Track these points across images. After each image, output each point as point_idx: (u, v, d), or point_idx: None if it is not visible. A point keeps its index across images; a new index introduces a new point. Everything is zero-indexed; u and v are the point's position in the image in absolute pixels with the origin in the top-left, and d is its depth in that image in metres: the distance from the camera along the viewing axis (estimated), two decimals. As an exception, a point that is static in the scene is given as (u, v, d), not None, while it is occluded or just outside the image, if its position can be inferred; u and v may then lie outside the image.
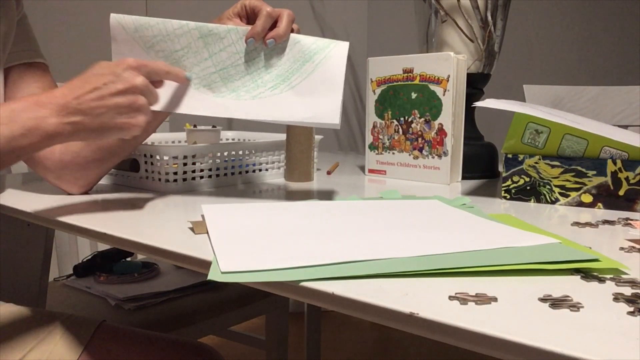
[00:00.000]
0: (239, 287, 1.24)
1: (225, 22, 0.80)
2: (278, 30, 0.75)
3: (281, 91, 0.76)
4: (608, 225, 0.65)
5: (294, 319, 1.66)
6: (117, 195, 0.85)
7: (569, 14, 1.98)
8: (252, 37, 0.75)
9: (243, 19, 0.80)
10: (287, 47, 0.77)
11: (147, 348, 0.80)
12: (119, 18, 0.75)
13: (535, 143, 0.79)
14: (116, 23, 0.75)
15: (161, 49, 0.76)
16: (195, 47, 0.76)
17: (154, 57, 0.76)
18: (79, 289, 1.18)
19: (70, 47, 1.81)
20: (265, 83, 0.77)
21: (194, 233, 0.59)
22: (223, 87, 0.76)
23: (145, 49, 0.75)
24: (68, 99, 0.63)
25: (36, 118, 0.62)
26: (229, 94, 0.76)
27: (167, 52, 0.76)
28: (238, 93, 0.76)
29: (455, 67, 0.97)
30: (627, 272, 0.46)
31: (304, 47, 0.77)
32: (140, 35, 0.75)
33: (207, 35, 0.76)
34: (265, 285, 0.45)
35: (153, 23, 0.75)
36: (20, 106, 0.62)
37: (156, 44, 0.76)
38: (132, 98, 0.65)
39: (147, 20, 0.75)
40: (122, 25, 0.75)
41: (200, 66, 0.76)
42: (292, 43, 0.77)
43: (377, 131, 1.09)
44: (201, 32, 0.76)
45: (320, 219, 0.65)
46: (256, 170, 1.01)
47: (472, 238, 0.56)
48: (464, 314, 0.37)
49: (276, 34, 0.75)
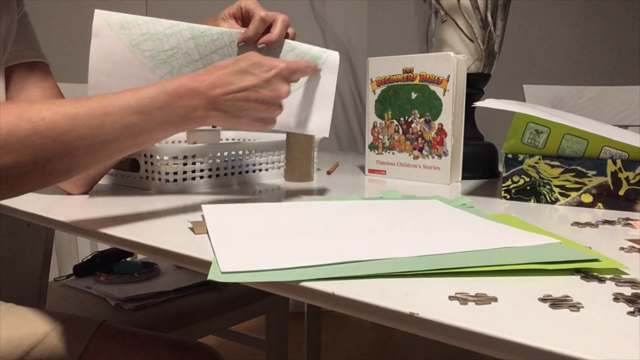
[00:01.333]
0: (239, 287, 1.24)
1: (220, 22, 0.79)
2: (271, 36, 0.75)
3: None
4: (608, 225, 0.65)
5: (294, 319, 1.66)
6: (117, 195, 0.85)
7: (569, 14, 1.98)
8: (244, 41, 0.75)
9: (238, 21, 0.80)
10: (280, 54, 0.77)
11: (147, 348, 0.80)
12: (104, 14, 0.72)
13: (535, 143, 0.79)
14: (100, 19, 0.72)
15: (148, 48, 0.73)
16: (185, 48, 0.74)
17: (139, 57, 0.73)
18: (79, 289, 1.18)
19: (70, 47, 1.81)
20: None
21: (194, 233, 0.59)
22: None
23: (130, 47, 0.73)
24: (218, 93, 0.63)
25: (188, 107, 0.62)
26: None
27: (154, 52, 0.73)
28: None
29: (455, 67, 0.97)
30: (627, 272, 0.46)
31: (298, 57, 0.77)
32: (126, 32, 0.72)
33: (198, 37, 0.74)
34: (265, 285, 0.45)
35: (141, 21, 0.73)
36: (175, 91, 0.61)
37: (143, 43, 0.73)
38: (273, 107, 0.67)
39: (134, 18, 0.73)
40: (107, 21, 0.72)
41: (190, 67, 0.74)
42: (286, 50, 0.77)
43: (377, 131, 1.09)
44: (193, 32, 0.74)
45: (320, 219, 0.65)
46: (256, 171, 1.01)
47: (472, 238, 0.56)
48: (464, 314, 0.37)
49: (268, 40, 0.75)
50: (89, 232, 0.64)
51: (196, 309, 1.17)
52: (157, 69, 0.72)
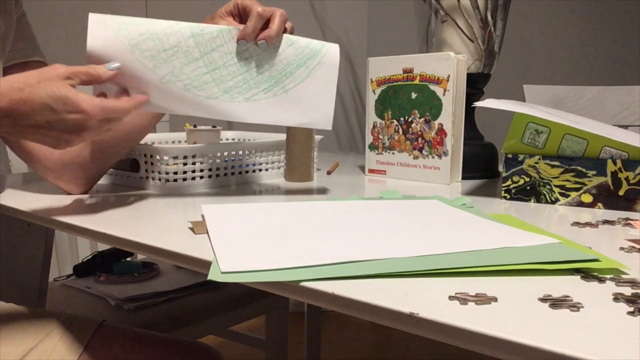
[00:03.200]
0: (239, 287, 1.24)
1: (217, 20, 0.79)
2: (270, 32, 0.74)
3: (275, 94, 0.77)
4: (608, 225, 0.65)
5: (294, 319, 1.66)
6: (117, 195, 0.85)
7: (569, 14, 1.98)
8: (243, 38, 0.74)
9: (236, 18, 0.79)
10: (279, 48, 0.77)
11: (147, 348, 0.80)
12: (99, 17, 0.71)
13: (535, 143, 0.79)
14: (96, 22, 0.70)
15: (147, 48, 0.71)
16: (185, 47, 0.73)
17: (138, 57, 0.71)
18: (79, 289, 1.18)
19: (70, 47, 1.81)
20: (258, 84, 0.76)
21: (194, 233, 0.59)
22: (215, 88, 0.75)
23: (129, 47, 0.70)
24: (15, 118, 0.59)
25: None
26: (222, 95, 0.75)
27: (154, 52, 0.71)
28: (231, 94, 0.75)
29: (455, 67, 0.97)
30: (627, 272, 0.46)
31: (298, 50, 0.77)
32: (124, 33, 0.70)
33: (198, 34, 0.74)
34: (265, 285, 0.45)
35: (139, 21, 0.72)
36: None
37: (142, 42, 0.71)
38: (66, 140, 0.63)
39: (131, 19, 0.72)
40: (103, 24, 0.70)
41: (191, 66, 0.74)
42: (285, 44, 0.77)
43: (377, 131, 1.08)
44: (192, 31, 0.73)
45: (320, 219, 0.65)
46: (256, 171, 1.01)
47: (472, 238, 0.56)
48: (464, 314, 0.37)
49: (267, 35, 0.74)
50: (89, 232, 0.64)
51: (196, 309, 1.17)
52: (158, 70, 0.72)
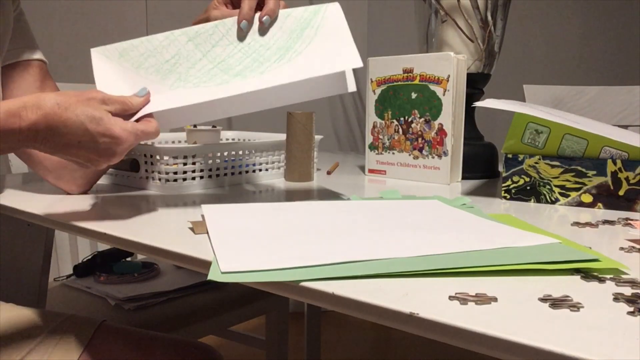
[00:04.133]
0: (239, 287, 1.24)
1: (211, 12, 0.79)
2: (268, 6, 0.75)
3: (289, 60, 0.73)
4: (608, 225, 0.65)
5: (294, 319, 1.66)
6: (117, 195, 0.85)
7: (569, 14, 1.98)
8: (244, 19, 0.74)
9: (229, 5, 0.80)
10: (279, 22, 0.76)
11: (147, 348, 0.80)
12: (100, 50, 0.75)
13: (535, 143, 0.79)
14: (98, 55, 0.74)
15: (151, 65, 0.74)
16: (186, 52, 0.75)
17: (143, 75, 0.74)
18: (79, 289, 1.18)
19: (70, 47, 1.81)
20: (269, 58, 0.74)
21: (194, 233, 0.59)
22: (225, 76, 0.74)
23: (134, 69, 0.74)
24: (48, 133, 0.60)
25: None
26: (234, 78, 0.74)
27: (157, 66, 0.74)
28: (243, 75, 0.74)
29: (455, 67, 0.97)
30: (627, 272, 0.46)
31: (297, 18, 0.76)
32: (126, 59, 0.74)
33: (195, 37, 0.75)
34: (265, 285, 0.45)
35: (137, 43, 0.75)
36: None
37: (144, 61, 0.74)
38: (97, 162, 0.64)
39: (129, 43, 0.75)
40: (105, 55, 0.74)
41: (196, 67, 0.74)
42: (282, 17, 0.76)
43: (377, 131, 1.08)
44: (188, 35, 0.75)
45: (320, 219, 0.65)
46: (256, 170, 1.01)
47: (472, 238, 0.56)
48: (464, 314, 0.37)
49: (269, 10, 0.74)
50: (89, 232, 0.64)
51: (196, 309, 1.17)
52: (165, 79, 0.73)
